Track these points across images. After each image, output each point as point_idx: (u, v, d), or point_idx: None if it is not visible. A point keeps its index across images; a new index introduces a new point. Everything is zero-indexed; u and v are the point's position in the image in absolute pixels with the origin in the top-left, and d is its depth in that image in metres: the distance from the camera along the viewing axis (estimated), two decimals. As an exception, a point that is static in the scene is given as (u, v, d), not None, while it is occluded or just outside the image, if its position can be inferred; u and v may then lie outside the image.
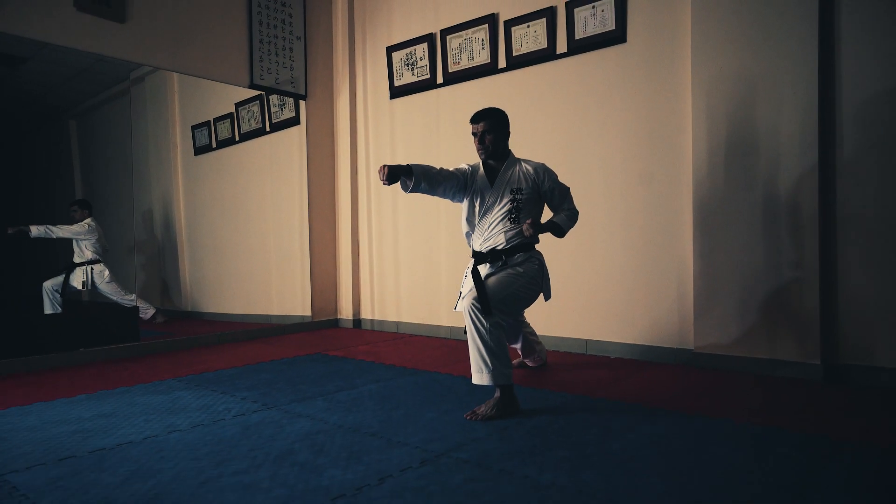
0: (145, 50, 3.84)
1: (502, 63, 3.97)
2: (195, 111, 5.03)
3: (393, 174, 2.29)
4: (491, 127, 2.46)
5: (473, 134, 2.50)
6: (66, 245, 4.32)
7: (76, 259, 4.28)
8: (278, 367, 3.23)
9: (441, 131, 4.34)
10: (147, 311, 4.51)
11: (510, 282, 2.37)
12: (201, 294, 5.18)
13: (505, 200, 2.45)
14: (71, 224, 4.19)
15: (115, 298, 4.27)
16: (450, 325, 4.31)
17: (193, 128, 5.14)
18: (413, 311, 4.56)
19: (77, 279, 4.25)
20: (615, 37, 3.44)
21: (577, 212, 2.57)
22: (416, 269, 4.53)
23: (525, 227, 2.33)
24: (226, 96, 4.79)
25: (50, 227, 4.12)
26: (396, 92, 4.60)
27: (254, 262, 5.15)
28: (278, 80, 4.62)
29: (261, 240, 5.12)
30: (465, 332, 2.32)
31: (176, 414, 2.30)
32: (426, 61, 4.39)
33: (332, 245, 5.01)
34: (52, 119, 4.58)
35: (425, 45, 4.38)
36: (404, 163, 2.66)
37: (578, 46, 3.59)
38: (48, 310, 4.06)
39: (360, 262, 4.93)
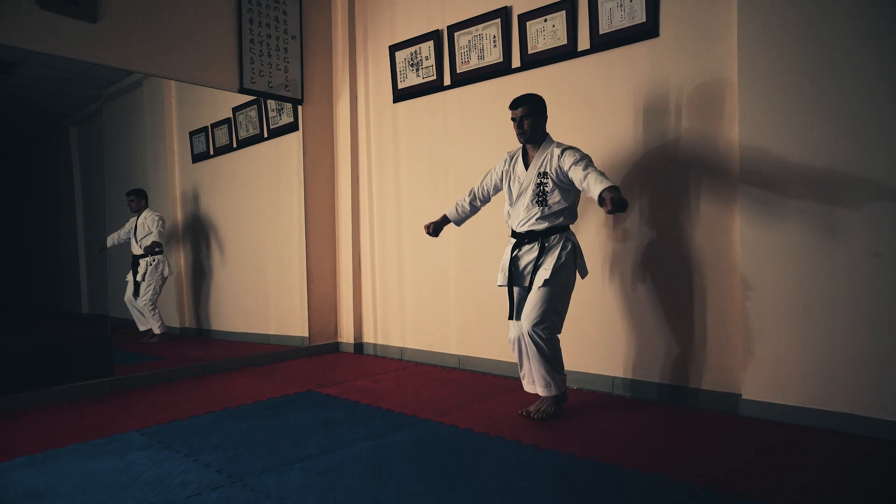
0: (119, 51, 3.47)
1: (516, 62, 3.54)
2: (193, 116, 4.71)
3: (437, 230, 3.05)
4: (529, 111, 2.62)
5: (513, 119, 2.66)
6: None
7: (135, 251, 4.31)
8: (260, 413, 2.84)
9: (449, 138, 3.92)
10: (160, 327, 4.35)
11: (557, 288, 2.56)
12: (200, 310, 4.85)
13: (534, 184, 2.60)
14: (132, 213, 4.30)
15: (147, 307, 4.29)
16: (459, 353, 3.89)
17: (191, 134, 4.80)
18: (419, 336, 4.14)
19: (140, 272, 4.29)
20: (646, 31, 2.99)
21: (598, 170, 2.47)
22: (423, 291, 4.11)
23: (608, 202, 2.26)
24: (223, 100, 4.44)
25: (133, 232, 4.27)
26: (400, 95, 4.19)
27: (252, 279, 4.79)
28: (272, 84, 4.23)
29: (259, 254, 4.76)
30: (517, 347, 2.68)
31: (119, 492, 1.91)
32: (432, 61, 3.97)
33: (332, 261, 4.62)
34: (51, 126, 4.34)
35: (431, 42, 3.96)
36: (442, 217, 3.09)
37: (603, 42, 3.15)
38: (142, 326, 4.29)
39: (362, 280, 4.53)
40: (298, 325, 4.55)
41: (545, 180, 2.61)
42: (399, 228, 4.25)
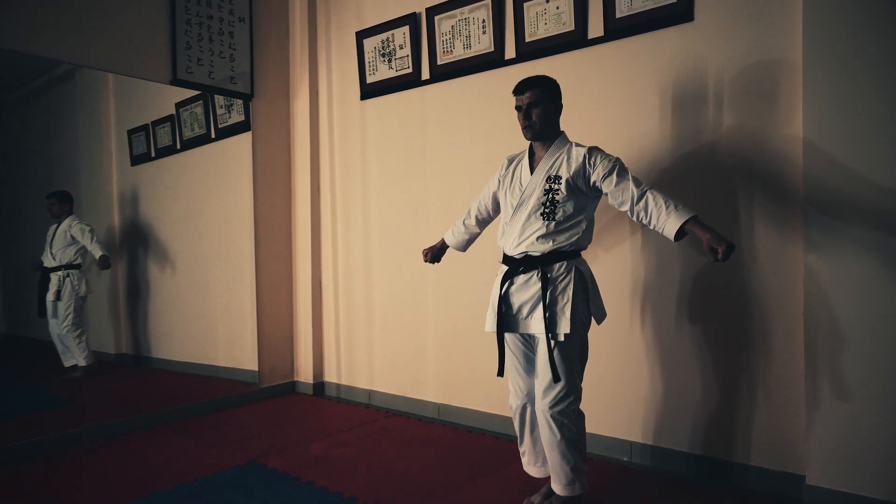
0: (18, 31, 2.74)
1: (510, 52, 2.91)
2: (132, 112, 4.00)
3: (437, 257, 2.49)
4: (539, 98, 2.02)
5: (517, 108, 2.06)
6: None
7: (48, 263, 3.50)
8: (179, 504, 2.14)
9: (428, 143, 3.27)
10: (86, 358, 3.54)
11: (576, 344, 1.96)
12: (138, 333, 4.12)
13: (539, 193, 2.00)
14: (52, 219, 3.50)
15: (70, 334, 3.49)
16: (438, 401, 3.24)
17: (130, 132, 4.07)
18: (391, 379, 3.48)
19: (53, 289, 3.49)
20: (676, 13, 2.39)
21: (645, 188, 1.92)
22: (396, 325, 3.45)
23: (720, 251, 1.73)
24: (167, 94, 3.73)
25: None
26: (369, 90, 3.53)
27: (198, 301, 4.07)
28: (214, 75, 3.52)
29: (206, 273, 4.04)
30: (520, 419, 2.12)
31: None
32: (407, 50, 3.32)
33: (288, 286, 3.92)
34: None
35: (406, 28, 3.30)
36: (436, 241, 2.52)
37: (621, 28, 2.54)
38: (67, 361, 3.49)
39: (324, 310, 3.84)
40: (250, 358, 3.84)
41: (556, 186, 1.97)
42: (367, 250, 3.58)
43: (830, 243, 2.00)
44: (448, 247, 2.48)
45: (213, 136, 3.90)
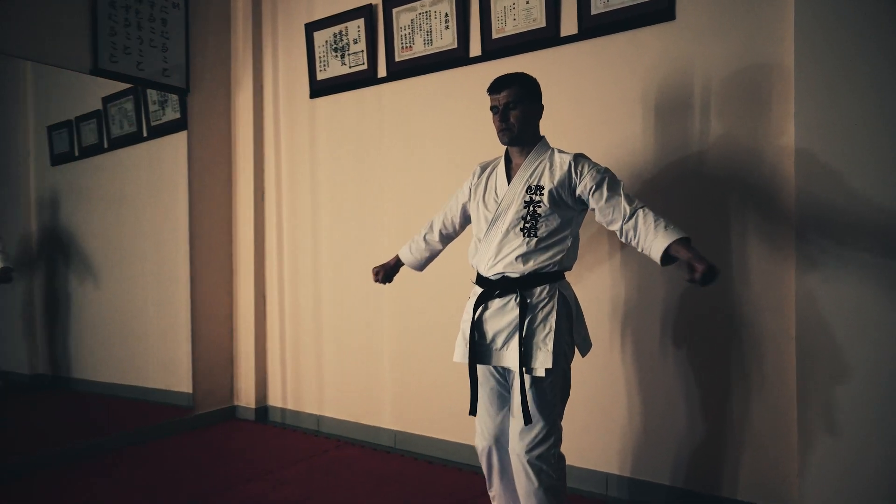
0: None
1: (476, 49, 2.68)
2: (54, 106, 3.54)
3: (388, 277, 2.19)
4: (517, 97, 1.79)
5: (493, 109, 1.83)
6: None
7: None
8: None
9: (384, 146, 3.00)
10: None
11: (559, 380, 1.74)
12: (57, 352, 3.65)
13: (518, 206, 1.76)
14: None
15: None
16: (396, 428, 2.96)
17: (50, 129, 3.61)
18: (342, 403, 3.17)
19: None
20: (656, 11, 2.22)
21: (638, 204, 1.71)
22: (349, 345, 3.15)
23: (698, 271, 1.50)
24: (93, 87, 3.31)
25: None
26: (320, 88, 3.23)
27: (127, 316, 3.64)
28: (143, 66, 3.15)
29: (137, 285, 3.61)
30: (488, 462, 1.87)
31: None
32: (362, 45, 3.04)
33: (228, 301, 3.55)
34: None
35: (361, 21, 3.03)
36: (393, 257, 2.22)
37: (597, 26, 2.35)
38: None
39: (268, 328, 3.50)
40: (186, 379, 3.46)
41: (538, 198, 1.74)
42: (317, 262, 3.27)
43: (825, 263, 1.85)
44: (403, 265, 2.20)
45: (144, 134, 3.50)
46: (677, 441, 2.20)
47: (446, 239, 2.11)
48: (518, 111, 1.78)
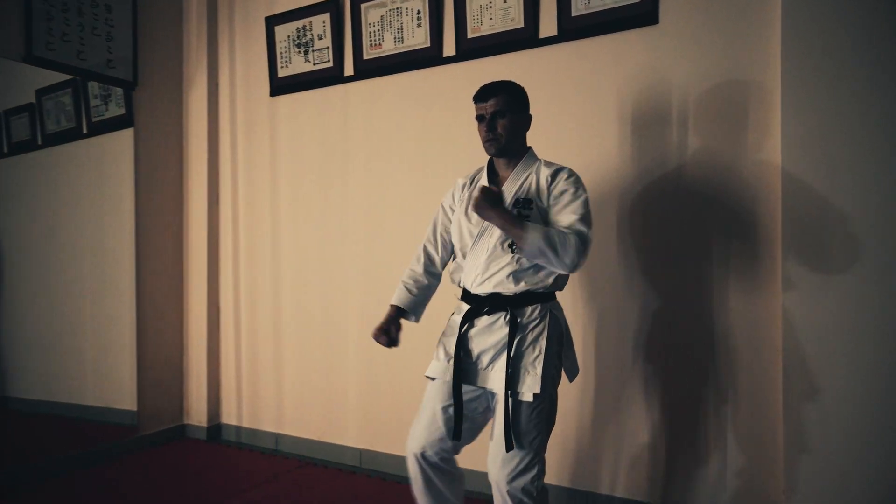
0: None
1: (450, 49, 2.57)
2: None
3: (395, 337, 1.83)
4: (506, 106, 1.71)
5: (479, 118, 1.74)
6: None
7: None
8: None
9: (351, 148, 2.84)
10: None
11: (547, 405, 1.64)
12: None
13: None
14: None
15: None
16: (361, 446, 2.79)
17: None
18: (303, 421, 2.98)
19: None
20: (639, 14, 2.16)
21: (583, 240, 1.58)
22: (310, 359, 2.97)
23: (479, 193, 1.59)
24: (26, 78, 3.01)
25: None
26: (281, 85, 3.04)
27: (63, 328, 3.33)
28: (85, 56, 2.89)
29: (73, 294, 3.31)
30: (423, 479, 1.74)
31: None
32: (328, 41, 2.88)
33: (178, 312, 3.31)
34: None
35: (327, 16, 2.87)
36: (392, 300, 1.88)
37: (577, 28, 2.27)
38: None
39: (222, 340, 3.27)
40: (129, 396, 3.18)
41: (526, 212, 1.66)
42: (277, 270, 3.07)
43: (812, 277, 1.81)
44: (405, 315, 1.86)
45: (85, 130, 3.22)
46: (660, 460, 2.13)
47: (441, 263, 1.89)
48: (506, 121, 1.69)
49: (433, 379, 1.73)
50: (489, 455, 1.64)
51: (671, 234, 2.11)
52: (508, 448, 1.57)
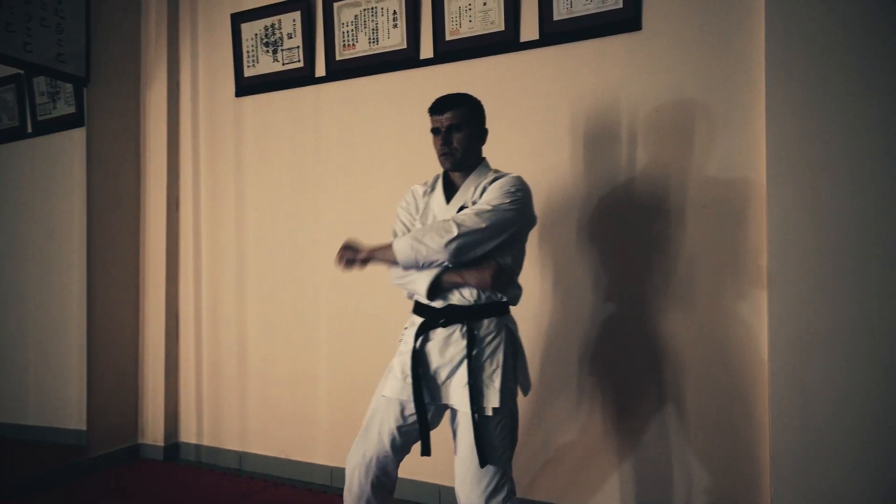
0: None
1: (427, 51, 2.49)
2: None
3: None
4: (462, 120, 1.69)
5: (434, 130, 1.72)
6: None
7: None
8: None
9: (322, 152, 2.73)
10: None
11: (509, 419, 1.63)
12: None
13: None
14: None
15: None
16: (332, 464, 2.67)
17: None
18: (269, 438, 2.83)
19: None
20: (622, 20, 2.14)
21: (458, 224, 1.55)
22: (278, 370, 2.83)
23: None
24: None
25: None
26: (247, 86, 2.91)
27: (2, 340, 3.08)
28: (31, 47, 2.68)
29: (14, 304, 3.07)
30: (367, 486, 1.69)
31: None
32: (298, 41, 2.76)
33: (133, 324, 3.10)
34: None
35: (297, 15, 2.76)
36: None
37: (558, 32, 2.24)
38: None
39: (181, 353, 3.08)
40: (78, 415, 2.95)
41: None
42: (241, 280, 2.92)
43: (798, 288, 1.81)
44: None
45: (29, 129, 3.01)
46: (643, 477, 2.08)
47: None
48: (462, 135, 1.67)
49: (392, 398, 1.67)
50: (457, 476, 1.60)
51: (657, 246, 2.08)
52: (483, 463, 1.53)
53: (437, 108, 1.69)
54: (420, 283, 1.60)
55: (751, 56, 1.94)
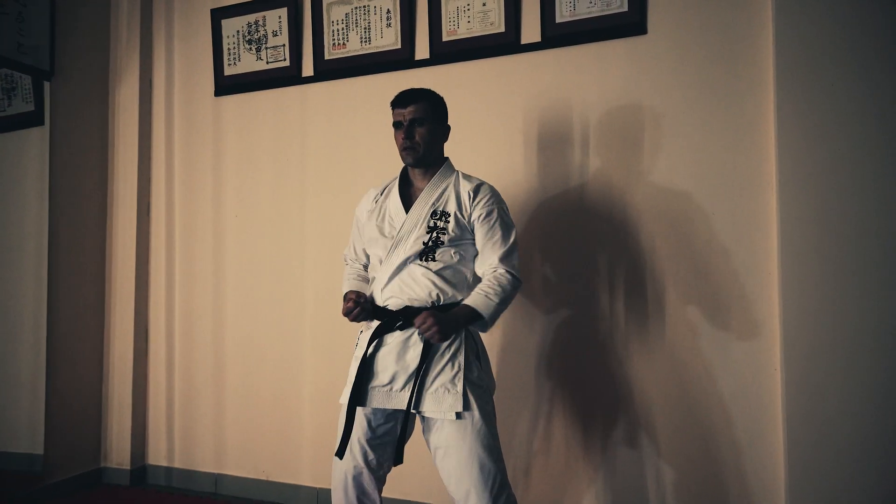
0: None
1: (423, 52, 2.41)
2: None
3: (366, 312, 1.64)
4: (425, 115, 1.69)
5: (396, 124, 1.71)
6: None
7: None
8: None
9: (309, 156, 2.60)
10: None
11: (491, 418, 1.61)
12: None
13: (421, 231, 1.63)
14: None
15: None
16: (317, 485, 2.51)
17: None
18: (248, 458, 2.65)
19: None
20: (627, 24, 2.10)
21: (514, 280, 1.62)
22: (258, 385, 2.66)
23: (421, 320, 1.50)
24: None
25: None
26: (228, 84, 2.76)
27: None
28: (-10, 37, 2.48)
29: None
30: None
31: None
32: (284, 38, 2.64)
33: (98, 338, 2.88)
34: None
35: (283, 11, 2.63)
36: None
37: (561, 35, 2.19)
38: None
39: (151, 368, 2.87)
40: (33, 438, 2.70)
41: (443, 224, 1.63)
42: (219, 290, 2.75)
43: (811, 299, 1.79)
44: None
45: (-17, 128, 2.78)
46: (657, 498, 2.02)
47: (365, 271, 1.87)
48: (425, 129, 1.67)
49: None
50: (453, 481, 1.56)
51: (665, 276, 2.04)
52: (482, 465, 1.52)
53: (400, 101, 1.69)
54: None
55: (758, 61, 1.93)
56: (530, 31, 2.23)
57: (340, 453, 1.65)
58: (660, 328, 2.02)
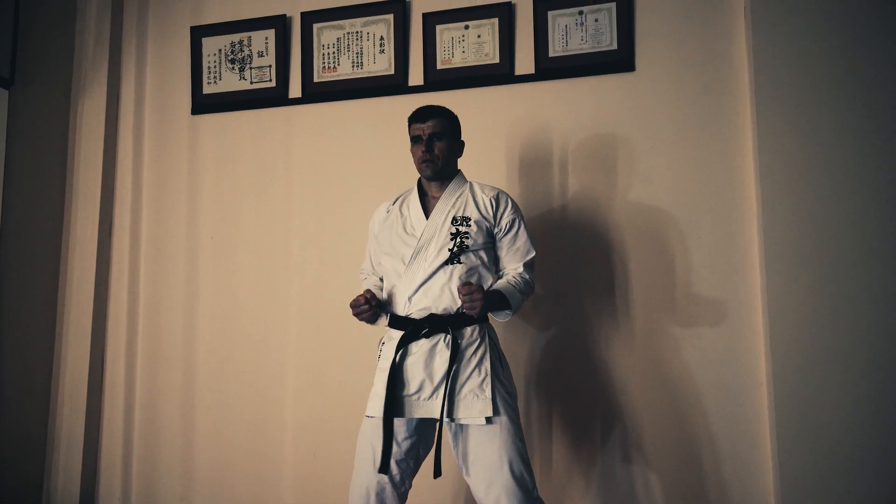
0: None
1: (416, 78, 2.46)
2: None
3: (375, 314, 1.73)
4: (444, 129, 1.77)
5: (415, 139, 1.78)
6: None
7: None
8: None
9: (296, 180, 2.55)
10: None
11: (517, 422, 1.64)
12: None
13: (444, 238, 1.68)
14: None
15: None
16: (299, 516, 2.38)
17: None
18: (222, 490, 2.48)
19: None
20: (616, 61, 2.25)
21: (533, 286, 1.77)
22: (234, 412, 2.51)
23: (463, 290, 1.57)
24: None
25: None
26: (206, 103, 2.68)
27: None
28: (-51, 40, 2.30)
29: None
30: None
31: None
32: (271, 59, 2.62)
33: (45, 368, 2.63)
34: None
35: (271, 33, 2.62)
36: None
37: (554, 69, 2.31)
38: None
39: (107, 397, 2.65)
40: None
41: (464, 229, 1.69)
42: (192, 316, 2.59)
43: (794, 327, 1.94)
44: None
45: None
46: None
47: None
48: (443, 143, 1.75)
49: (372, 417, 1.66)
50: (482, 488, 1.55)
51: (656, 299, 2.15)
52: (517, 471, 1.54)
53: (420, 116, 1.76)
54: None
55: (737, 93, 2.13)
56: (524, 63, 2.34)
57: (385, 468, 1.60)
58: (647, 342, 2.11)
